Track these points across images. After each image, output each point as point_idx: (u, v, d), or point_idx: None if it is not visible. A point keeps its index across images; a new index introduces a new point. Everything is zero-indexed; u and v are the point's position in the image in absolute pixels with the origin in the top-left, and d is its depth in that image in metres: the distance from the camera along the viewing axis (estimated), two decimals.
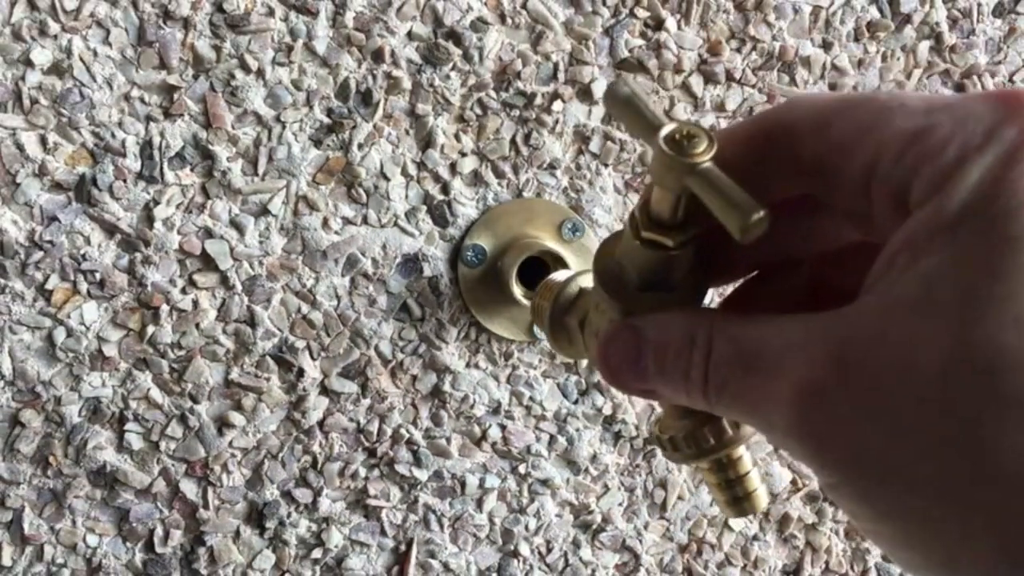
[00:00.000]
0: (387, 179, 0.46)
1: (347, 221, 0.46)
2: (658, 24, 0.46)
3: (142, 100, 0.44)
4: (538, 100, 0.46)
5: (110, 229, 0.45)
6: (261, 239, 0.46)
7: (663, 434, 0.26)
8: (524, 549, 0.49)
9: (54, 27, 0.43)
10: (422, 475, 0.48)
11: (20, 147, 0.44)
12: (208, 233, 0.45)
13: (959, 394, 0.16)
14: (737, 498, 0.27)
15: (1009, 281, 0.16)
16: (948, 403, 0.16)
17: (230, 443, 0.47)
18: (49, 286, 0.45)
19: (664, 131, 0.19)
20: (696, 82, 0.47)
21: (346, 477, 0.48)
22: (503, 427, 0.48)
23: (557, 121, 0.46)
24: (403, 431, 0.48)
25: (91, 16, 0.44)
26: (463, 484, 0.48)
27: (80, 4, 0.43)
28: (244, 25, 0.44)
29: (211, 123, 0.45)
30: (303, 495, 0.48)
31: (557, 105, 0.46)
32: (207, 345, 0.46)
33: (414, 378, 0.47)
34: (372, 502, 0.48)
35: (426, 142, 0.46)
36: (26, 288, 0.45)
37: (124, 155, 0.45)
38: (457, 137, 0.46)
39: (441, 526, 0.49)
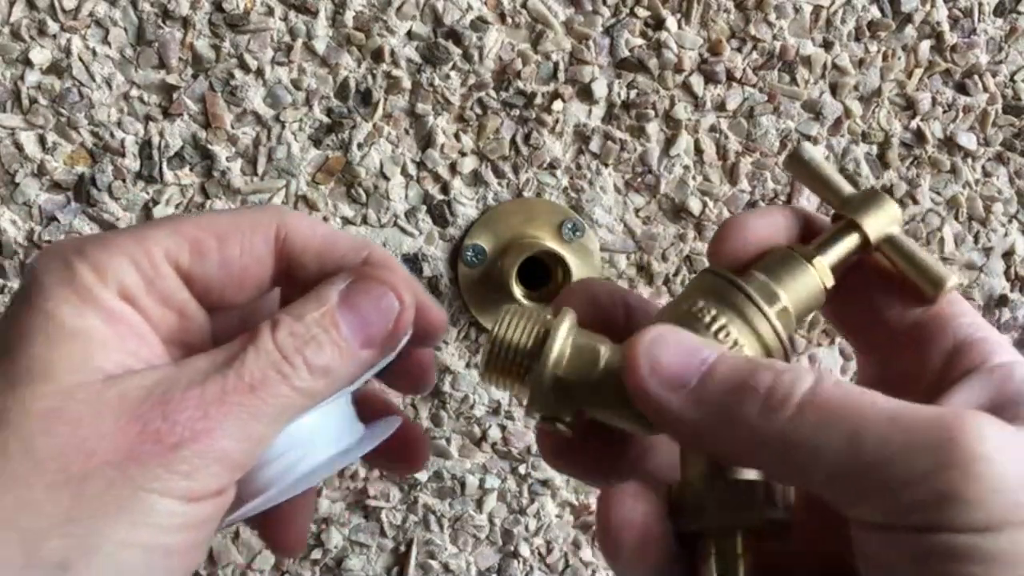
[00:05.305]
0: (387, 179, 0.46)
1: (347, 221, 0.46)
2: (658, 23, 0.46)
3: (141, 100, 0.44)
4: (538, 100, 0.46)
5: (109, 229, 0.45)
6: None
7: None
8: (524, 550, 0.49)
9: (53, 26, 0.43)
10: (422, 475, 0.48)
11: (19, 147, 0.44)
12: None
13: None
14: None
15: None
16: None
17: None
18: None
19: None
20: (696, 81, 0.47)
21: (346, 477, 0.48)
22: (503, 427, 0.48)
23: (557, 121, 0.46)
24: None
25: (90, 15, 0.43)
26: (463, 484, 0.48)
27: (79, 3, 0.43)
28: (243, 25, 0.44)
29: (210, 123, 0.45)
30: None
31: (557, 105, 0.46)
32: None
33: None
34: (372, 503, 0.48)
35: (426, 142, 0.46)
36: None
37: (123, 155, 0.44)
38: (457, 137, 0.46)
39: (441, 527, 0.49)
